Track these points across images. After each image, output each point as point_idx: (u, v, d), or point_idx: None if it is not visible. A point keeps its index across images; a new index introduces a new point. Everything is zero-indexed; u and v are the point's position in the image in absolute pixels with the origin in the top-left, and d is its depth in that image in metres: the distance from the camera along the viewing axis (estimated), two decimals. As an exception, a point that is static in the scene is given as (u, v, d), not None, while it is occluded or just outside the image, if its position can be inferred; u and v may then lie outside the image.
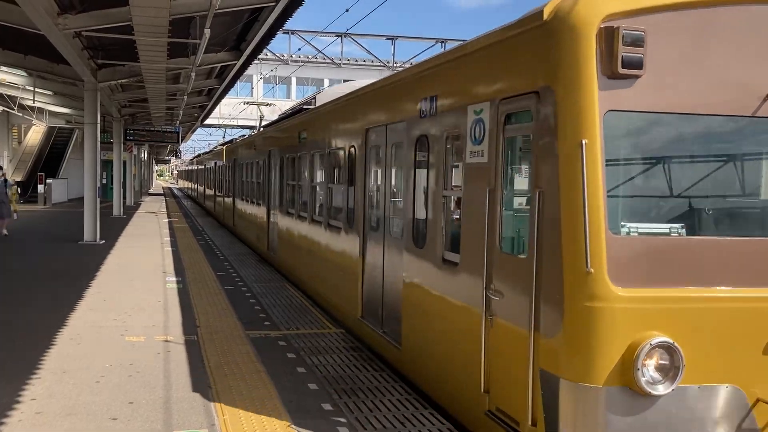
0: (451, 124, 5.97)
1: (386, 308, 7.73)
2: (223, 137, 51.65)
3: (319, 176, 11.28)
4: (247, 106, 45.00)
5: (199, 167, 46.06)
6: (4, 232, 19.08)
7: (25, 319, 8.99)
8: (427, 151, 6.46)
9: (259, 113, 28.12)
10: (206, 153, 43.94)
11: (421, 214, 6.78)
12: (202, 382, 6.46)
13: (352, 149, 8.90)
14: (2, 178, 19.52)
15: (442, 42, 36.59)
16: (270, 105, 35.11)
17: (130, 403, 5.85)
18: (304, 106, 13.27)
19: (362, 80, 11.76)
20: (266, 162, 16.28)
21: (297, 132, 12.76)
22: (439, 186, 6.21)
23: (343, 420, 5.64)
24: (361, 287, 8.52)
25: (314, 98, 13.19)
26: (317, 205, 11.36)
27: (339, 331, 8.91)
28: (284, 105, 37.02)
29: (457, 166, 6.03)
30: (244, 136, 29.80)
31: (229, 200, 25.21)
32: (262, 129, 19.81)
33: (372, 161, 8.40)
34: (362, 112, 8.66)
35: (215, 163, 31.59)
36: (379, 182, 8.28)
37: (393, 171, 7.79)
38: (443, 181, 6.17)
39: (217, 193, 30.81)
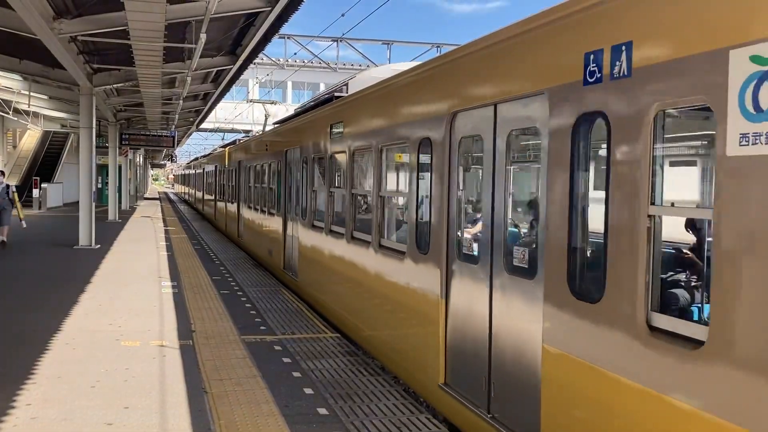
0: (670, 88, 3.52)
1: (498, 381, 5.22)
2: (222, 139, 51.20)
3: (364, 181, 9.13)
4: (246, 108, 44.95)
5: (198, 171, 42.36)
6: (2, 238, 18.64)
7: (20, 324, 8.97)
8: (605, 138, 3.95)
9: (264, 112, 26.70)
10: (207, 155, 40.65)
11: (591, 245, 4.39)
12: (198, 387, 6.46)
13: (426, 143, 6.46)
14: (3, 183, 18.65)
15: (437, 46, 36.75)
16: (275, 103, 34.22)
17: (125, 408, 5.85)
18: (336, 94, 10.64)
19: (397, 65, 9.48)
20: (282, 164, 13.91)
21: (327, 126, 10.16)
22: (638, 198, 3.74)
23: (338, 425, 5.64)
24: (443, 341, 6.06)
25: (346, 85, 10.73)
26: (360, 220, 9.06)
27: (335, 335, 8.91)
28: (281, 108, 37.03)
29: (687, 164, 4.01)
30: (247, 136, 27.46)
31: (233, 208, 22.51)
32: (275, 126, 16.86)
33: (463, 159, 6.02)
34: (445, 88, 6.18)
35: (216, 166, 28.95)
36: (479, 189, 5.81)
37: (510, 173, 5.24)
38: (647, 190, 3.70)
39: (218, 199, 28.05)
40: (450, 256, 6.03)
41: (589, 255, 4.36)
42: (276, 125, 16.79)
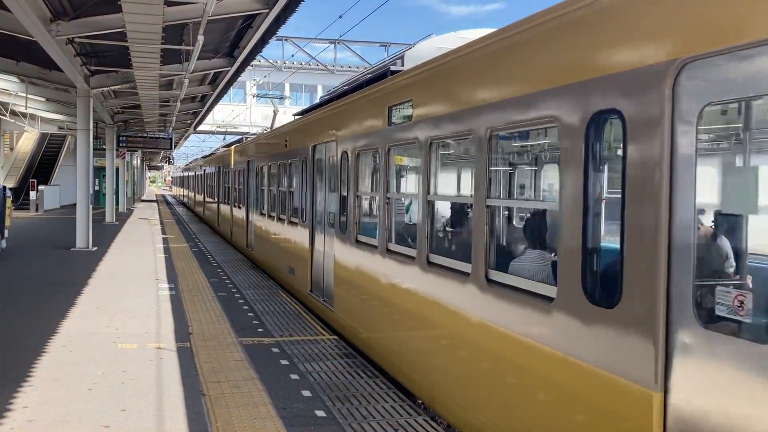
0: None
1: None
2: (224, 140, 51.02)
3: (451, 183, 7.15)
4: (244, 110, 44.91)
5: (199, 172, 37.85)
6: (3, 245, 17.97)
7: (16, 327, 8.95)
8: None
9: (262, 113, 26.05)
10: (209, 155, 36.99)
11: None
12: (195, 390, 6.44)
13: (607, 119, 3.96)
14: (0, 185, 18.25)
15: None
16: (285, 98, 33.20)
17: (122, 411, 5.83)
18: (392, 68, 8.17)
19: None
20: (307, 162, 11.41)
21: (382, 109, 7.60)
22: None
23: (336, 427, 5.63)
24: None
25: (401, 57, 8.54)
26: (444, 239, 7.04)
27: (332, 337, 8.90)
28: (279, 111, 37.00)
29: None
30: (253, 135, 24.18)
31: (240, 214, 19.76)
32: (297, 117, 13.82)
33: (709, 140, 3.87)
34: (663, 20, 3.51)
35: (220, 167, 25.93)
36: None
37: None
38: None
39: (221, 202, 25.11)
40: (677, 315, 3.38)
41: None
42: (297, 117, 13.77)
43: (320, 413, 5.93)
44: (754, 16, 3.02)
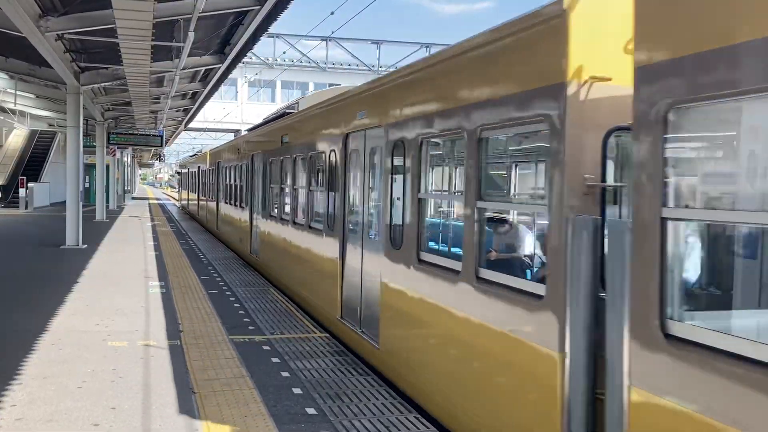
0: None
1: None
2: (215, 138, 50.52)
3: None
4: (231, 111, 44.71)
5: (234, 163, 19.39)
6: None
7: (5, 325, 8.89)
8: None
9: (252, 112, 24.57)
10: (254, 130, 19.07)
11: None
12: (186, 388, 6.42)
13: None
14: None
15: (426, 46, 36.86)
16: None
17: (112, 409, 5.80)
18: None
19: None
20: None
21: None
22: None
23: (327, 424, 5.63)
24: None
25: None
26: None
27: (323, 335, 8.89)
28: (269, 108, 36.95)
29: None
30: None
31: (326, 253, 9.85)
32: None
33: None
34: None
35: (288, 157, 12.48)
36: None
37: None
38: None
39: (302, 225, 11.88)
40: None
41: None
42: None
43: (311, 411, 5.92)
44: None
